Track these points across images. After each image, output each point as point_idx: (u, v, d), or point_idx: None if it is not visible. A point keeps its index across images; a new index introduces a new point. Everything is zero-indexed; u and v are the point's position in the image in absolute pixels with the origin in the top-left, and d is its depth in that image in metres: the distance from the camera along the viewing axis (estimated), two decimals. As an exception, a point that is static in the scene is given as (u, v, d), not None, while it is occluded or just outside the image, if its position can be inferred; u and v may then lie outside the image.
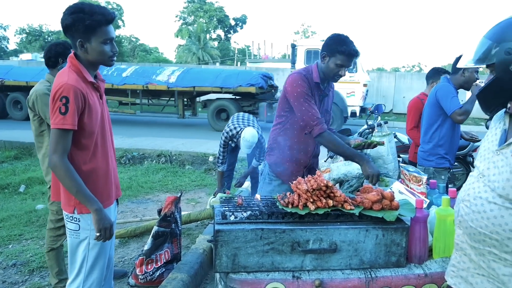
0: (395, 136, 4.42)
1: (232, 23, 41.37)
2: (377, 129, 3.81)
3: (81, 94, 1.77)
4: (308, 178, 1.85)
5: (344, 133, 3.51)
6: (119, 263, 3.33)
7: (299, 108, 2.33)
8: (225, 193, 4.20)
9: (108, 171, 1.98)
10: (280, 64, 20.01)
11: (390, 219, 1.67)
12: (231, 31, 42.46)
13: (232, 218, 1.73)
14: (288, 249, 1.66)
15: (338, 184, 2.99)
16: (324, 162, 3.64)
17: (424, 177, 2.00)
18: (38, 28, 40.99)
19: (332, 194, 1.76)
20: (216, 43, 40.34)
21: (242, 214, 1.75)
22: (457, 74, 3.11)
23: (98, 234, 1.83)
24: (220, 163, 4.24)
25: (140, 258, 2.95)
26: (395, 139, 4.13)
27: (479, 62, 1.36)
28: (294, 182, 1.87)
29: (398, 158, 3.98)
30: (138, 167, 6.76)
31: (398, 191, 2.07)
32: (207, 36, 38.86)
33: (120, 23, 35.00)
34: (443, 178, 2.93)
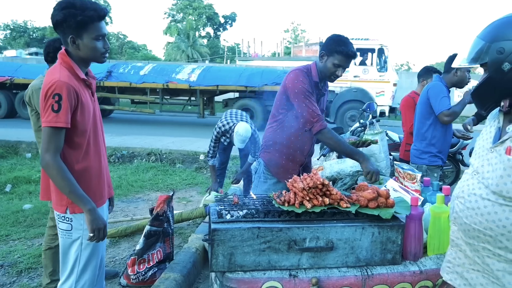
0: (386, 134, 4.45)
1: (222, 20, 41.18)
2: (369, 127, 3.83)
3: (73, 91, 1.73)
4: (304, 176, 1.84)
5: (336, 131, 3.51)
6: (110, 263, 3.29)
7: (300, 105, 2.32)
8: (218, 192, 4.19)
9: (101, 170, 1.95)
10: (270, 62, 19.99)
11: (386, 216, 1.68)
12: (221, 29, 42.27)
13: (228, 217, 1.71)
14: (285, 247, 1.65)
15: (331, 182, 3.00)
16: (317, 160, 3.64)
17: (419, 175, 2.01)
18: (22, 24, 40.20)
19: (328, 192, 1.76)
20: (205, 41, 40.13)
21: (238, 213, 1.74)
22: (449, 73, 3.15)
23: (91, 235, 1.80)
24: (210, 157, 4.25)
25: (132, 258, 2.91)
26: (386, 137, 4.16)
27: (472, 62, 1.37)
28: (290, 180, 1.86)
29: (390, 156, 4.01)
30: (127, 165, 6.69)
31: (392, 188, 2.08)
32: (196, 33, 38.61)
33: (107, 19, 34.58)
34: (435, 176, 2.96)
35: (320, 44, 22.47)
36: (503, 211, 1.27)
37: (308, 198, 1.73)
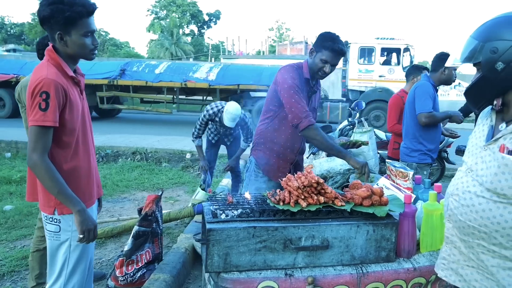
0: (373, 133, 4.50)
1: (206, 18, 40.90)
2: (357, 125, 3.87)
3: (62, 89, 1.68)
4: (298, 175, 1.83)
5: (324, 130, 3.53)
6: (96, 265, 3.22)
7: (289, 100, 2.31)
8: (207, 191, 4.16)
9: (90, 169, 1.90)
10: (255, 60, 19.97)
11: (381, 214, 1.69)
12: (205, 27, 41.99)
13: (223, 216, 1.69)
14: (280, 246, 1.64)
15: (322, 181, 3.00)
16: (307, 158, 3.66)
17: (411, 172, 2.03)
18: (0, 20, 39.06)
19: (322, 191, 1.76)
20: (189, 39, 39.78)
21: (233, 212, 1.72)
22: (437, 72, 3.19)
23: (81, 236, 1.75)
24: (194, 137, 4.26)
25: (120, 259, 2.85)
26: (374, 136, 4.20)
27: (466, 61, 1.39)
28: (284, 179, 1.85)
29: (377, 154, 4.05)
30: (112, 165, 6.57)
31: (384, 186, 2.09)
32: (180, 31, 38.25)
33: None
34: (425, 173, 3.00)
35: (305, 43, 22.47)
36: (497, 208, 1.29)
37: (303, 197, 1.72)
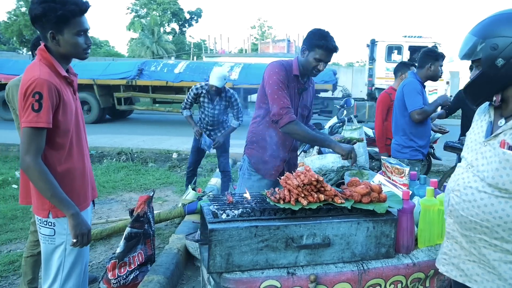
0: (361, 130, 4.54)
1: (187, 16, 40.51)
2: (347, 123, 3.90)
3: (55, 89, 1.63)
4: (297, 173, 1.83)
5: (315, 127, 3.55)
6: (87, 268, 3.14)
7: (271, 96, 2.31)
8: (196, 191, 4.12)
9: (85, 171, 1.86)
10: (238, 59, 19.92)
11: (381, 211, 1.70)
12: (186, 25, 41.58)
13: (224, 216, 1.67)
14: (282, 245, 1.64)
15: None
16: (297, 156, 3.67)
17: (407, 169, 2.06)
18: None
19: (322, 189, 1.76)
20: (170, 37, 39.33)
21: (233, 212, 1.70)
22: (423, 68, 3.25)
23: (75, 240, 1.71)
24: (183, 109, 4.39)
25: (112, 261, 2.79)
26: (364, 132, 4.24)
27: (465, 58, 1.41)
28: (282, 178, 1.84)
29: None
30: (97, 166, 6.44)
31: (380, 183, 2.11)
32: (161, 29, 37.78)
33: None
34: (416, 169, 3.04)
35: (288, 41, 22.51)
36: (499, 203, 1.31)
37: (303, 195, 1.72)
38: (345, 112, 4.62)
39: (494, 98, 1.39)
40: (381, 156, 2.89)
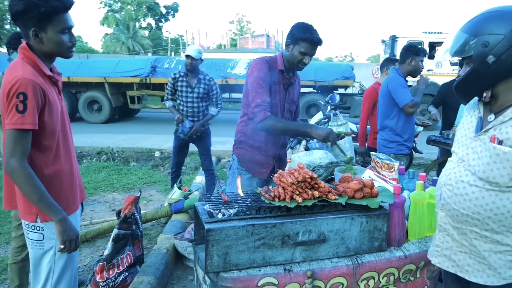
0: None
1: (163, 11, 39.82)
2: (332, 118, 3.95)
3: (40, 89, 1.58)
4: (291, 170, 1.84)
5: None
6: (73, 271, 3.07)
7: (251, 92, 2.32)
8: (181, 189, 4.09)
9: (73, 173, 1.81)
10: (217, 54, 19.74)
11: (374, 206, 1.73)
12: (163, 20, 40.88)
13: (220, 216, 1.66)
14: (278, 243, 1.65)
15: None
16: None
17: (396, 164, 2.10)
18: None
19: (316, 185, 1.77)
20: (146, 32, 38.61)
21: (229, 211, 1.70)
22: (405, 63, 3.32)
23: (62, 247, 1.67)
24: (165, 100, 4.38)
25: (100, 264, 2.74)
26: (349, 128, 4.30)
27: (456, 55, 1.44)
28: (276, 175, 1.85)
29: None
30: (76, 166, 6.28)
31: (369, 178, 2.15)
32: (137, 24, 37.01)
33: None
34: (402, 164, 3.11)
35: (267, 36, 22.39)
36: (489, 196, 1.36)
37: (297, 192, 1.73)
38: (329, 108, 4.67)
39: (484, 94, 1.43)
40: (360, 150, 2.94)
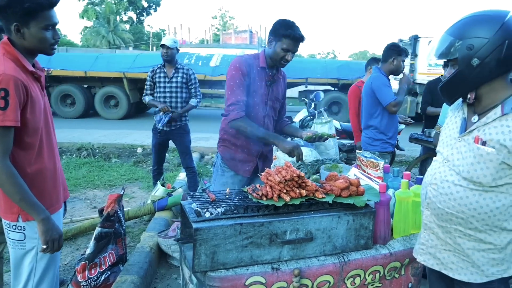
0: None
1: (145, 4, 39.12)
2: (317, 116, 3.97)
3: (22, 85, 1.53)
4: (278, 168, 1.84)
5: (286, 121, 3.57)
6: (53, 271, 3.00)
7: (227, 91, 2.34)
8: (164, 186, 4.04)
9: (56, 171, 1.77)
10: (199, 49, 19.55)
11: (360, 204, 1.75)
12: (144, 14, 40.21)
13: (207, 215, 1.65)
14: (266, 241, 1.65)
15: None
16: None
17: (381, 162, 2.13)
18: None
19: (303, 184, 1.78)
20: (127, 26, 37.90)
21: (216, 210, 1.69)
22: (387, 62, 3.37)
23: (44, 247, 1.63)
24: (144, 96, 4.32)
25: (81, 263, 2.69)
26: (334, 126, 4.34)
27: (442, 57, 1.47)
28: (263, 174, 1.85)
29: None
30: (55, 162, 6.12)
31: (355, 176, 2.17)
32: (118, 18, 36.27)
33: None
34: (386, 161, 3.16)
35: (250, 32, 22.35)
36: (473, 195, 1.39)
37: (285, 191, 1.73)
38: (313, 105, 4.69)
39: (469, 96, 1.46)
40: (356, 151, 2.94)
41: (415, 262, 1.83)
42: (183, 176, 5.07)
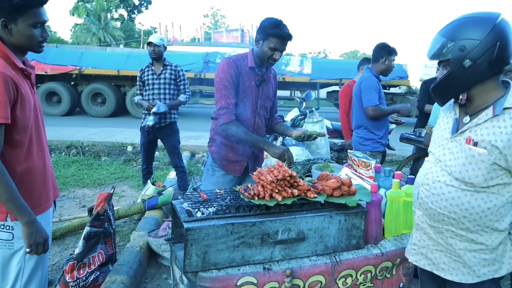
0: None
1: (136, 2, 38.80)
2: (308, 115, 3.97)
3: (12, 82, 1.50)
4: (270, 168, 1.83)
5: (278, 120, 3.57)
6: (41, 271, 2.95)
7: (216, 93, 2.33)
8: (155, 184, 4.00)
9: (46, 169, 1.74)
10: (191, 48, 19.43)
11: (352, 204, 1.75)
12: (135, 11, 39.87)
13: (199, 214, 1.63)
14: (258, 241, 1.63)
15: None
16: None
17: (373, 162, 2.13)
18: None
19: (295, 184, 1.77)
20: (118, 24, 37.52)
21: (208, 210, 1.67)
22: (378, 62, 3.38)
23: (28, 250, 1.59)
24: (135, 97, 4.32)
25: (70, 263, 2.65)
26: (325, 125, 4.34)
27: (434, 58, 1.47)
28: (255, 173, 1.83)
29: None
30: (44, 160, 6.03)
31: (347, 176, 2.17)
32: (108, 15, 35.91)
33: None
34: (377, 161, 3.17)
35: (241, 30, 22.25)
36: (465, 196, 1.40)
37: (277, 191, 1.72)
38: (304, 104, 4.70)
39: (461, 97, 1.46)
40: (348, 151, 2.94)
41: (406, 262, 1.84)
42: (174, 175, 5.03)
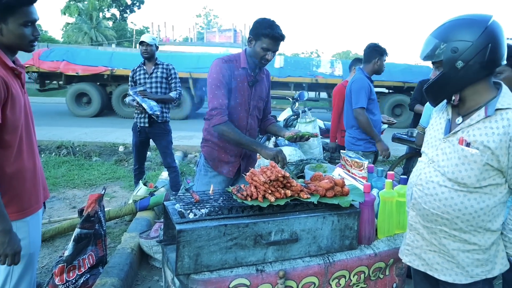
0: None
1: (129, 2, 38.53)
2: (301, 115, 3.97)
3: (2, 82, 1.48)
4: (263, 168, 1.81)
5: (270, 120, 3.55)
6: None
7: (209, 94, 2.32)
8: (146, 185, 3.97)
9: (36, 170, 1.71)
10: (183, 47, 19.35)
11: (345, 205, 1.74)
12: (127, 11, 39.61)
13: (191, 216, 1.61)
14: (251, 243, 1.62)
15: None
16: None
17: (366, 162, 2.13)
18: None
19: (288, 184, 1.76)
20: (110, 23, 37.23)
21: (200, 211, 1.65)
22: (370, 63, 3.39)
23: None
24: (127, 97, 4.26)
25: (59, 266, 2.61)
26: (318, 125, 4.34)
27: (427, 59, 1.47)
28: (248, 174, 1.82)
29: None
30: (33, 161, 5.95)
31: (340, 176, 2.16)
32: (100, 14, 35.62)
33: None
34: (369, 161, 3.17)
35: (234, 30, 22.26)
36: (458, 196, 1.40)
37: (270, 191, 1.71)
38: (297, 105, 4.70)
39: (453, 98, 1.46)
40: (331, 146, 2.95)
41: (400, 262, 1.84)
42: (166, 175, 4.99)
